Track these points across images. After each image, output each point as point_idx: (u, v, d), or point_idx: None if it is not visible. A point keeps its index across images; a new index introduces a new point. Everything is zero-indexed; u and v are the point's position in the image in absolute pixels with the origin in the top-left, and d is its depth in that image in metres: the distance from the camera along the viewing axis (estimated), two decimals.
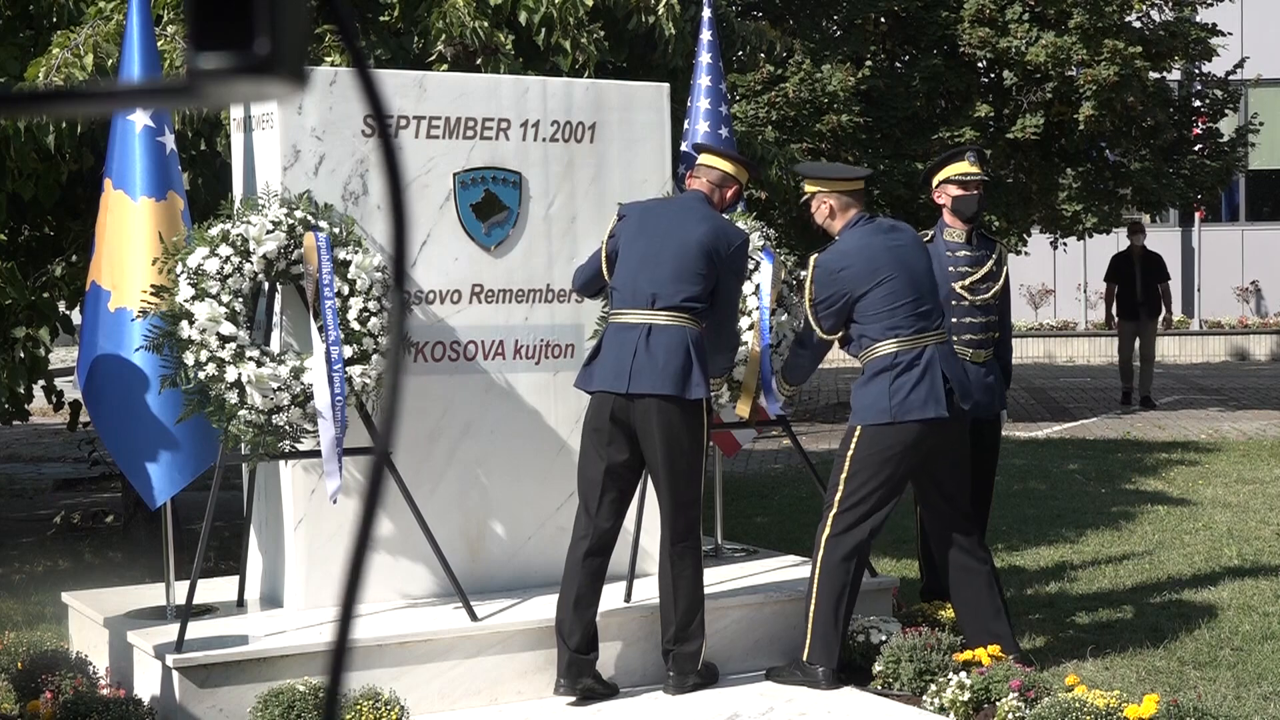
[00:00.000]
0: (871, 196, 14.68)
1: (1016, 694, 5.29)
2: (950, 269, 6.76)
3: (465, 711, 5.58)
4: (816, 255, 6.06)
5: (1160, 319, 16.37)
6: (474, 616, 5.74)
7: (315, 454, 5.53)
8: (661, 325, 5.63)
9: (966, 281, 6.77)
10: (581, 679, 5.62)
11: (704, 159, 6.02)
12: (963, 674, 5.53)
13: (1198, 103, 16.12)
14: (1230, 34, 16.09)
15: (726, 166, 5.95)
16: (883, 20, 14.91)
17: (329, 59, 6.86)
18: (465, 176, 6.17)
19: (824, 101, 13.93)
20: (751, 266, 6.38)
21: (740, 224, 6.43)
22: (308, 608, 5.84)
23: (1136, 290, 15.97)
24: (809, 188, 6.18)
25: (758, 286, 6.39)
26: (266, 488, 6.04)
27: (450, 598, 5.88)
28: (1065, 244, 17.34)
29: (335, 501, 5.57)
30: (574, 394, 6.29)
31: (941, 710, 5.47)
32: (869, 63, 14.45)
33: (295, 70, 0.88)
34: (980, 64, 14.94)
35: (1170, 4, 15.17)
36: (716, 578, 6.45)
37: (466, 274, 6.20)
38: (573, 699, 5.64)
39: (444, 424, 6.12)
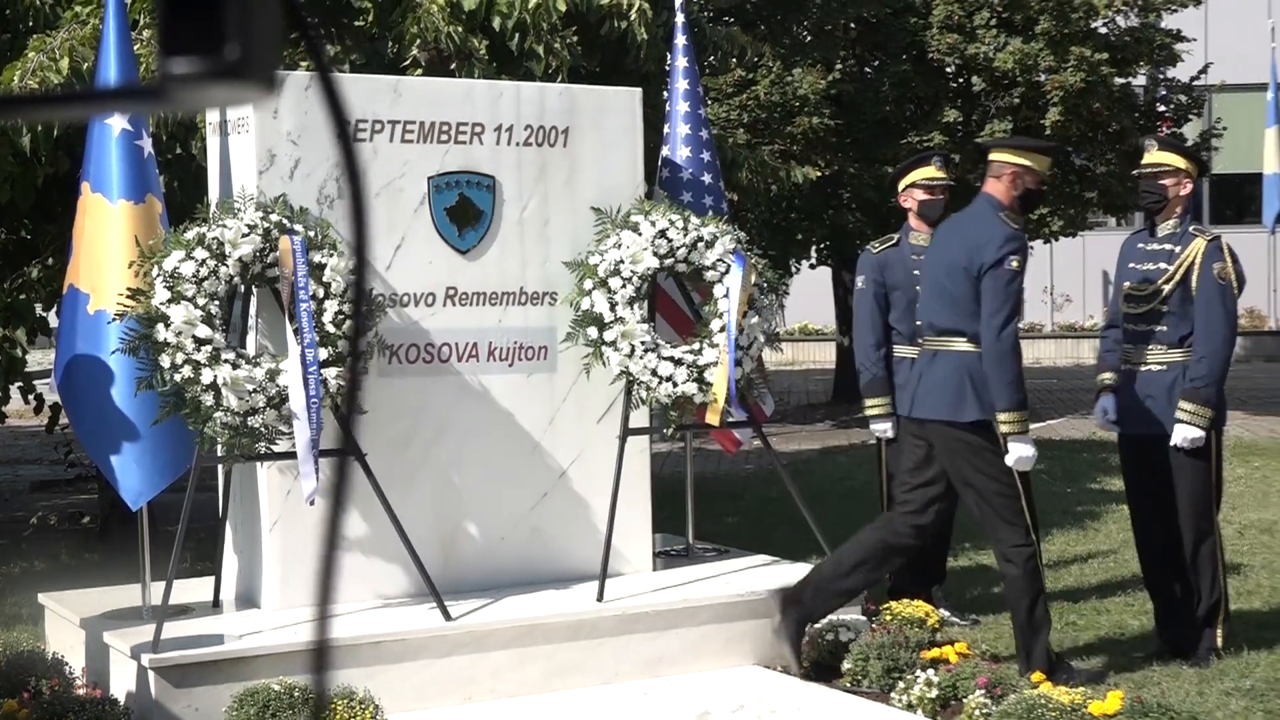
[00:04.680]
0: (840, 200, 14.77)
1: (983, 691, 5.37)
2: (915, 272, 6.84)
3: (439, 710, 5.63)
4: (1221, 239, 6.17)
5: None
6: (448, 616, 5.79)
7: (291, 455, 5.57)
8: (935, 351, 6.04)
9: None
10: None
11: (993, 155, 5.97)
12: (930, 671, 5.61)
13: (1162, 108, 16.25)
14: (1194, 40, 16.21)
15: (1012, 158, 5.84)
16: (852, 26, 15.00)
17: (304, 64, 6.90)
18: (439, 180, 6.23)
19: (795, 105, 14.01)
20: (722, 270, 6.44)
21: (710, 227, 6.47)
22: (283, 608, 5.88)
23: None
24: (1180, 164, 6.17)
25: (727, 290, 6.44)
26: (242, 489, 6.08)
27: (424, 597, 5.93)
28: (1032, 247, 17.42)
29: (312, 503, 5.61)
30: (546, 395, 6.37)
31: (909, 707, 5.55)
32: (839, 67, 14.54)
33: (266, 75, 0.89)
34: (949, 70, 15.05)
35: (1135, 10, 15.30)
36: (688, 576, 6.52)
37: (440, 277, 6.25)
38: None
39: (418, 425, 6.17)
